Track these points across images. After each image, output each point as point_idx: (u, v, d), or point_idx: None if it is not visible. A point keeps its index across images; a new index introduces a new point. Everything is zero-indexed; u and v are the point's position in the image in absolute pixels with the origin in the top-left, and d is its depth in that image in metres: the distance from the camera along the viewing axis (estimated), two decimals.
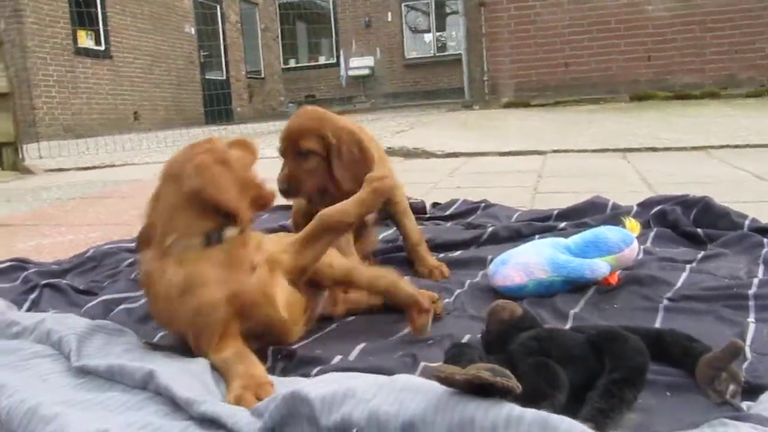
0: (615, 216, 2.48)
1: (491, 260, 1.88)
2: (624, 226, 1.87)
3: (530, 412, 0.81)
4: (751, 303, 1.56)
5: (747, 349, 1.30)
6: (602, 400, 0.95)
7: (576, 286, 1.71)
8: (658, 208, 2.39)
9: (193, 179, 1.28)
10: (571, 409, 0.97)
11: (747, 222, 2.18)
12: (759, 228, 2.14)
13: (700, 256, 1.96)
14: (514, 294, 1.67)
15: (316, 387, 1.00)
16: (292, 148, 1.93)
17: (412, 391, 0.91)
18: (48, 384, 1.27)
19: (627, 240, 1.76)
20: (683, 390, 1.16)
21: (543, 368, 0.98)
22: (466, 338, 1.44)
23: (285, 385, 1.11)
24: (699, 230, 2.16)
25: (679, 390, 1.16)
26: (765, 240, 2.01)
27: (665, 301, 1.62)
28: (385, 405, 0.90)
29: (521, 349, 1.10)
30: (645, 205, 2.51)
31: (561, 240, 1.83)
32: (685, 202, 2.38)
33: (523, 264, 1.71)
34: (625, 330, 1.17)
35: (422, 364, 1.31)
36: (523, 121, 7.76)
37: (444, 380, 0.86)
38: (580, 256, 1.72)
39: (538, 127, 6.96)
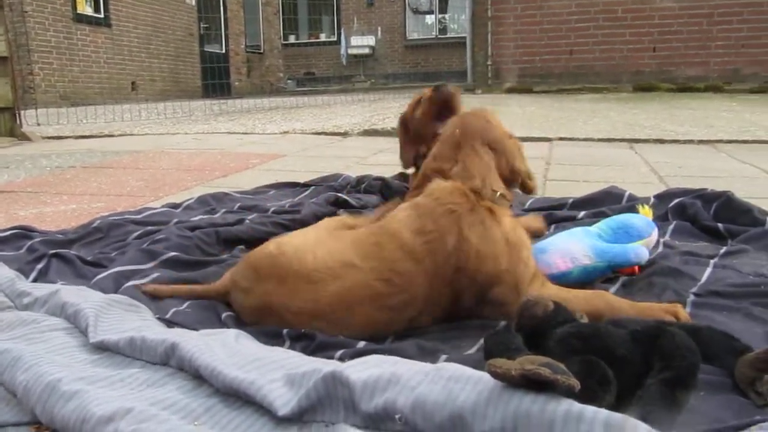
0: (631, 207, 2.46)
1: None
2: (637, 212, 1.91)
3: (590, 410, 0.77)
4: None
5: (749, 345, 1.27)
6: (654, 402, 0.91)
7: (615, 270, 1.73)
8: (677, 200, 2.35)
9: None
10: (616, 410, 0.93)
11: None
12: None
13: (722, 251, 1.93)
14: (558, 281, 1.62)
15: (357, 369, 0.96)
16: None
17: (461, 381, 0.87)
18: (65, 359, 1.22)
19: (651, 224, 1.82)
20: (719, 389, 1.13)
21: (593, 367, 0.93)
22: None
23: (323, 365, 1.06)
24: (720, 225, 2.13)
25: (715, 389, 1.12)
26: None
27: (691, 296, 1.59)
28: (433, 394, 0.86)
29: (562, 346, 1.06)
30: (663, 197, 2.48)
31: (590, 228, 1.81)
32: (705, 196, 2.35)
33: (566, 251, 1.69)
34: (662, 324, 1.14)
35: (443, 356, 1.28)
36: (526, 107, 7.70)
37: (499, 375, 0.82)
38: (613, 243, 1.72)
39: (542, 114, 6.91)
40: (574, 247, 1.69)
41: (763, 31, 9.02)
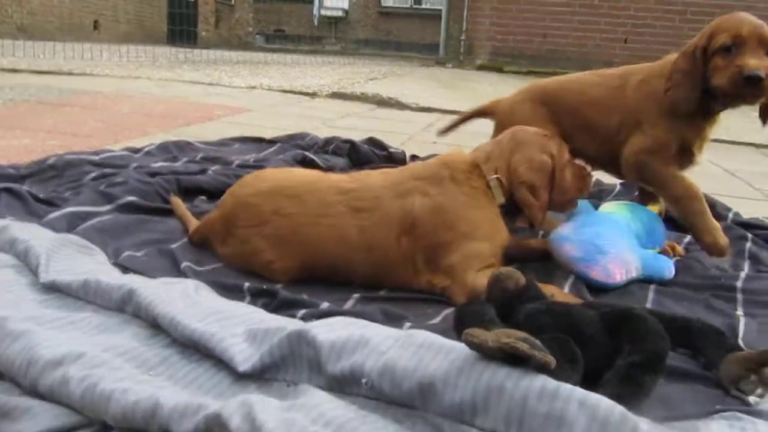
0: (599, 192, 2.47)
1: None
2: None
3: (566, 387, 0.76)
4: (739, 296, 1.55)
5: (740, 342, 1.28)
6: (621, 385, 0.90)
7: None
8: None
9: None
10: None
11: (730, 215, 2.19)
12: (740, 222, 2.15)
13: (685, 241, 1.95)
14: (603, 288, 1.52)
15: (323, 330, 0.93)
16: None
17: (432, 349, 0.84)
18: (13, 297, 1.16)
19: (665, 232, 1.77)
20: (684, 378, 1.12)
21: (563, 346, 0.92)
22: None
23: (288, 323, 1.02)
24: None
25: (680, 377, 1.12)
26: (748, 234, 2.01)
27: (654, 284, 1.60)
28: (403, 360, 0.84)
29: (531, 322, 1.04)
30: (627, 185, 2.49)
31: (631, 224, 1.67)
32: None
33: (624, 261, 1.54)
34: (650, 314, 1.12)
35: (407, 324, 1.25)
36: (496, 85, 7.68)
37: (475, 345, 0.79)
38: (644, 246, 1.66)
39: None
40: (629, 256, 1.56)
41: None
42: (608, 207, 1.79)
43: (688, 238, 1.97)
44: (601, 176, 2.67)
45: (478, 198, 1.52)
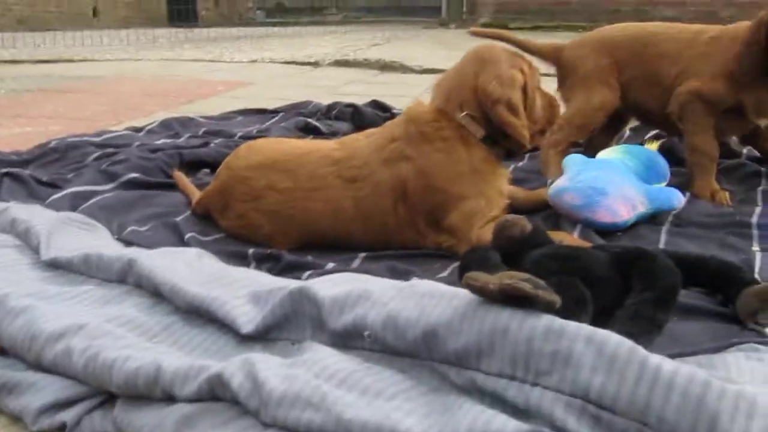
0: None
1: None
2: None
3: (573, 325, 0.73)
4: (755, 232, 1.52)
5: (757, 277, 1.25)
6: (632, 322, 0.87)
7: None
8: (654, 132, 2.32)
9: None
10: None
11: (744, 151, 2.14)
12: (755, 158, 2.10)
13: None
14: (612, 230, 1.49)
15: (325, 286, 0.91)
16: None
17: (435, 297, 0.82)
18: (15, 276, 1.15)
19: (667, 166, 1.74)
20: (699, 315, 1.09)
21: (569, 287, 0.89)
22: None
23: (290, 282, 1.01)
24: None
25: (695, 314, 1.09)
26: (762, 169, 1.97)
27: (667, 224, 1.56)
28: (405, 310, 0.81)
29: (538, 266, 1.01)
30: (638, 130, 2.44)
31: (627, 161, 1.65)
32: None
33: (626, 197, 1.51)
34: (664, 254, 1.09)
35: (415, 278, 1.23)
36: (502, 42, 7.56)
37: (476, 289, 0.77)
38: (646, 182, 1.61)
39: (517, 51, 6.79)
40: (631, 192, 1.52)
41: None
42: (604, 153, 1.76)
43: None
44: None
45: (454, 151, 1.43)
